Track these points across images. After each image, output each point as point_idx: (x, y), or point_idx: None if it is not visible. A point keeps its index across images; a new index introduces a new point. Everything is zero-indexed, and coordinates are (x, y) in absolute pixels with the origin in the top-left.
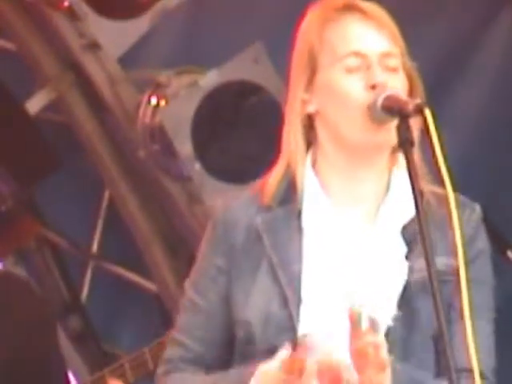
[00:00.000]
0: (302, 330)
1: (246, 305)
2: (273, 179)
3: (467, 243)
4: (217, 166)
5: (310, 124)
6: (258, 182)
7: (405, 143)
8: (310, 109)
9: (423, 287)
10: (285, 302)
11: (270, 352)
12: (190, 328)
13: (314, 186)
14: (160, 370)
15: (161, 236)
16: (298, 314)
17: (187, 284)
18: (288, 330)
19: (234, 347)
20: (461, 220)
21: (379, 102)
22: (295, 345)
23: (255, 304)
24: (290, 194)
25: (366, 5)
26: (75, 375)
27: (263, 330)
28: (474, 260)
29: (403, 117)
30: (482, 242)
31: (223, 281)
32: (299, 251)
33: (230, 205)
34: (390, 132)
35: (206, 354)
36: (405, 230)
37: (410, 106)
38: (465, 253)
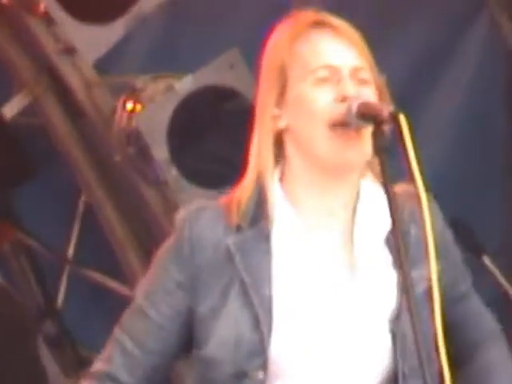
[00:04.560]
0: (273, 354)
1: (214, 325)
2: (241, 196)
3: (441, 238)
4: (193, 170)
5: (279, 139)
6: (224, 197)
7: (380, 151)
8: (281, 124)
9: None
10: (256, 324)
11: (238, 376)
12: (134, 333)
13: (283, 205)
14: (92, 370)
15: (137, 241)
16: (269, 338)
17: (140, 289)
18: (258, 354)
19: (176, 357)
20: (433, 218)
21: (354, 108)
22: (265, 369)
23: (225, 325)
24: (259, 213)
25: (336, 21)
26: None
27: (233, 353)
28: (450, 248)
29: (378, 123)
30: (448, 229)
31: (181, 296)
32: (269, 275)
33: (197, 221)
34: (359, 151)
35: (145, 360)
36: (389, 239)
37: (385, 112)
38: (442, 247)
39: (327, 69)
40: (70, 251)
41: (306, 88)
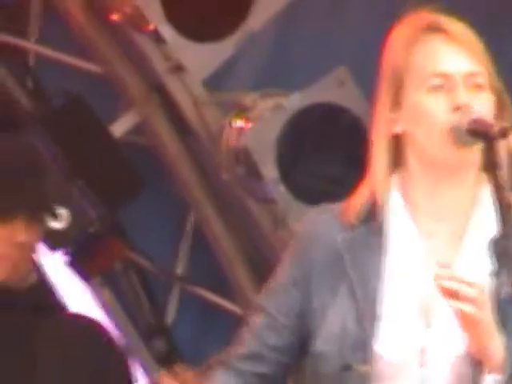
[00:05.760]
0: (377, 347)
1: (323, 321)
2: (357, 200)
3: None
4: (302, 188)
5: (397, 144)
6: (344, 203)
7: (491, 167)
8: (397, 128)
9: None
10: (360, 318)
11: (344, 369)
12: (254, 328)
13: (399, 206)
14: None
15: (246, 258)
16: (372, 332)
17: (264, 289)
18: (361, 347)
19: (294, 354)
20: None
21: (464, 125)
22: (368, 363)
23: (332, 321)
24: (372, 213)
25: (451, 25)
26: None
27: (339, 347)
28: None
29: (489, 140)
30: None
31: (295, 292)
32: (378, 268)
33: (315, 220)
34: (475, 151)
35: (262, 353)
36: (492, 244)
37: (496, 129)
38: None
39: (440, 76)
40: (180, 268)
41: (420, 96)
